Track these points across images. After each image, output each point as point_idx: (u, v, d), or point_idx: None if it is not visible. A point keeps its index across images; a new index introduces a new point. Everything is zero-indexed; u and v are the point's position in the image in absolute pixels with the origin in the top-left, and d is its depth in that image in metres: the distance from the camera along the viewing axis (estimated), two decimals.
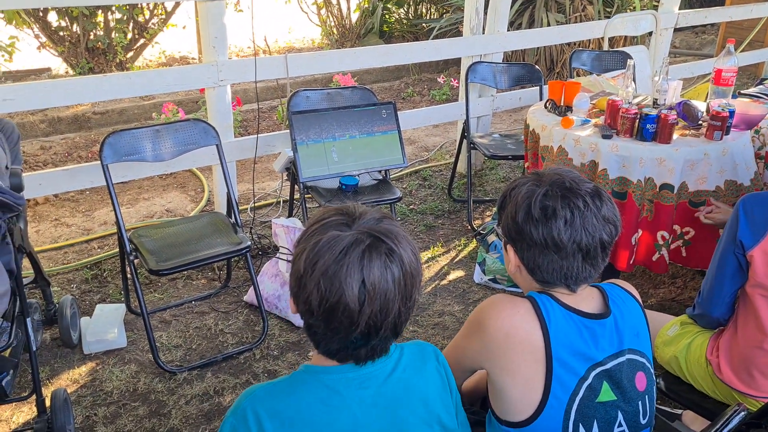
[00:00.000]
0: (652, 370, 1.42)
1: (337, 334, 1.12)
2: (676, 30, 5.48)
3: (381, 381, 1.18)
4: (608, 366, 1.33)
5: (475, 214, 4.13)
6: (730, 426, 1.35)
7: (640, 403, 1.37)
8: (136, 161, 2.89)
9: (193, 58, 7.24)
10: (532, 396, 1.29)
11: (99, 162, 2.79)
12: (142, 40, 6.46)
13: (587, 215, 1.31)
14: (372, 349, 1.15)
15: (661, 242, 2.89)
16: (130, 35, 6.31)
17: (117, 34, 6.16)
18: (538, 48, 6.53)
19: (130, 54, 6.44)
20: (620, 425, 1.34)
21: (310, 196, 3.35)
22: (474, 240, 3.82)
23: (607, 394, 1.33)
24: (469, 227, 3.97)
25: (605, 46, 5.07)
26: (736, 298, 1.92)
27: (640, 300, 1.47)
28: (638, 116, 2.87)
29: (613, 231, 1.35)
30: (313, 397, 1.14)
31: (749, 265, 1.82)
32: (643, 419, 1.38)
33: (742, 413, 1.39)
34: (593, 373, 1.31)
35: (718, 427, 1.35)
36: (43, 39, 6.12)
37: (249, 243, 2.83)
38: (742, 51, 6.38)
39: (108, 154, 2.79)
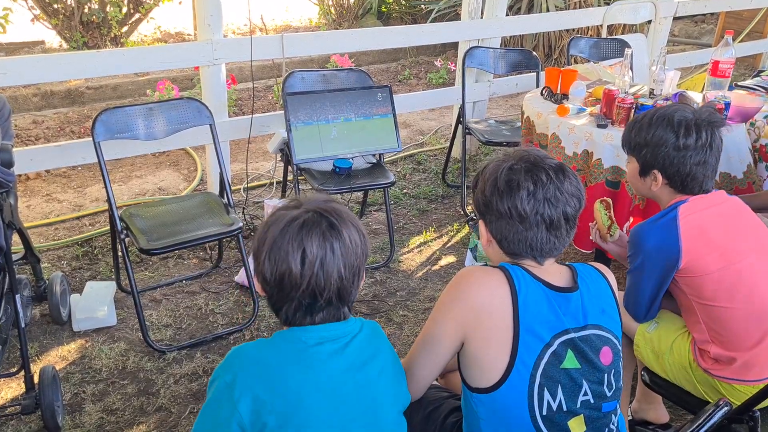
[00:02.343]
0: (619, 347, 1.47)
1: (288, 298, 1.27)
2: (675, 19, 5.46)
3: (348, 340, 1.30)
4: (572, 336, 1.39)
5: (468, 200, 4.13)
6: (713, 420, 1.36)
7: (605, 375, 1.42)
8: (129, 139, 2.87)
9: (188, 34, 7.17)
10: (500, 361, 1.35)
11: (91, 139, 2.77)
12: (137, 15, 6.39)
13: (549, 188, 1.38)
14: (327, 313, 1.29)
15: None
16: (125, 9, 6.25)
17: (112, 8, 6.09)
18: (536, 34, 6.50)
19: (125, 29, 6.38)
20: (585, 394, 1.39)
21: (303, 178, 3.34)
22: (466, 225, 3.82)
23: (571, 361, 1.38)
24: (462, 213, 3.97)
25: (604, 34, 5.04)
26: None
27: (612, 282, 1.52)
28: (634, 106, 2.87)
29: (576, 204, 1.42)
30: (291, 348, 1.27)
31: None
32: (609, 392, 1.42)
33: (725, 408, 1.41)
34: (558, 341, 1.37)
35: (701, 421, 1.36)
36: (37, 11, 6.05)
37: (241, 224, 2.82)
38: (740, 41, 6.36)
39: (100, 131, 2.77)
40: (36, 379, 2.30)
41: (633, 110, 2.87)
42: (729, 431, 1.76)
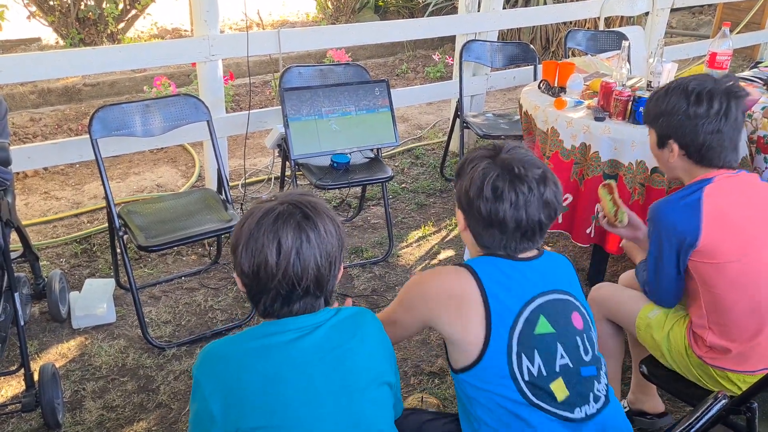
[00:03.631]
0: (588, 317, 1.55)
1: (266, 289, 1.30)
2: (672, 10, 5.45)
3: (312, 329, 1.31)
4: (541, 301, 1.46)
5: None
6: (711, 413, 1.36)
7: (578, 338, 1.48)
8: (126, 136, 2.86)
9: (185, 30, 7.16)
10: (476, 337, 1.42)
11: (88, 136, 2.76)
12: (133, 11, 6.37)
13: (531, 199, 1.45)
14: (304, 303, 1.32)
15: None
16: (121, 6, 6.22)
17: (108, 5, 6.06)
18: (533, 27, 6.49)
19: (122, 25, 6.36)
20: (563, 357, 1.45)
21: (301, 173, 3.33)
22: None
23: (544, 326, 1.45)
24: None
25: (601, 26, 5.04)
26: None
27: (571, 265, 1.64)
28: (631, 99, 2.86)
29: (552, 213, 1.50)
30: (255, 341, 1.29)
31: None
32: (586, 356, 1.48)
33: (723, 401, 1.41)
34: (529, 308, 1.45)
35: (698, 414, 1.36)
36: (33, 8, 6.03)
37: (239, 219, 2.82)
38: (738, 33, 6.35)
39: (97, 128, 2.76)
40: (36, 377, 2.30)
41: (630, 103, 2.86)
42: (727, 422, 1.78)
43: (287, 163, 3.42)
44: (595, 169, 2.89)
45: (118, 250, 2.87)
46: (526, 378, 1.41)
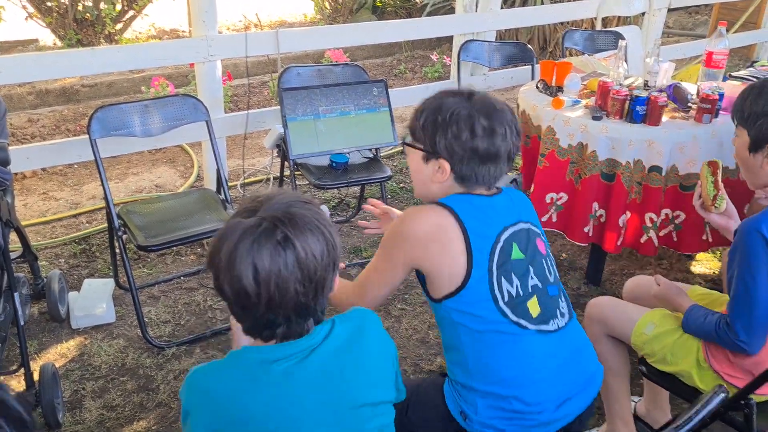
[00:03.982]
0: (545, 240, 1.71)
1: (249, 315, 1.21)
2: (669, 10, 5.47)
3: (305, 354, 1.22)
4: (512, 231, 1.60)
5: None
6: (710, 407, 1.37)
7: (543, 261, 1.65)
8: (125, 136, 2.87)
9: (183, 31, 7.16)
10: (460, 266, 1.54)
11: (87, 136, 2.77)
12: (131, 12, 6.38)
13: (513, 129, 1.60)
14: (288, 329, 1.22)
15: (649, 224, 2.91)
16: (119, 6, 6.23)
17: (106, 5, 6.08)
18: (531, 27, 6.50)
19: (119, 26, 6.37)
20: (533, 278, 1.60)
21: (300, 173, 3.34)
22: None
23: (516, 253, 1.59)
24: None
25: (598, 26, 5.05)
26: None
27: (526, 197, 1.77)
28: (628, 98, 2.88)
29: (516, 141, 1.62)
30: (242, 373, 1.21)
31: None
32: (550, 276, 1.65)
33: (722, 395, 1.41)
34: (503, 237, 1.58)
35: (698, 407, 1.37)
36: (31, 9, 6.03)
37: None
38: (734, 32, 6.37)
39: (96, 128, 2.77)
40: (36, 377, 2.31)
41: (628, 102, 2.88)
42: (725, 419, 1.79)
43: (286, 162, 3.43)
44: (593, 168, 2.90)
45: (117, 251, 2.88)
46: (506, 299, 1.55)
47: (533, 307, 1.58)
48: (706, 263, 3.50)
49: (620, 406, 2.19)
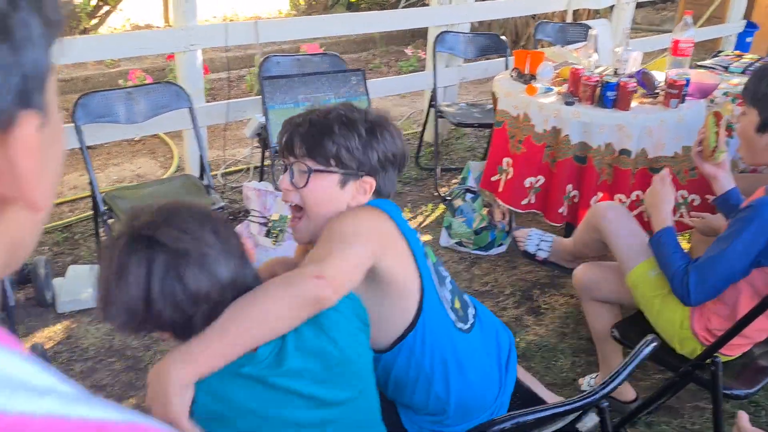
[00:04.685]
0: None
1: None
2: (637, 6, 5.62)
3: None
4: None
5: (441, 182, 4.23)
6: (643, 355, 1.44)
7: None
8: (109, 123, 2.91)
9: (158, 27, 7.16)
10: (413, 273, 1.45)
11: (71, 123, 2.80)
12: (106, 7, 6.37)
13: (385, 136, 1.51)
14: None
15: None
16: (94, 2, 6.22)
17: (81, 1, 6.06)
18: (503, 21, 6.62)
19: (94, 21, 6.35)
20: (446, 277, 1.61)
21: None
22: (441, 205, 3.92)
23: (432, 256, 1.58)
24: (436, 194, 4.07)
25: (569, 19, 5.18)
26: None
27: None
28: (599, 84, 2.99)
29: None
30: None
31: None
32: (446, 274, 1.64)
33: (654, 344, 1.48)
34: (420, 243, 1.53)
35: (634, 352, 1.44)
36: None
37: (223, 203, 2.89)
38: (700, 26, 6.55)
39: (80, 115, 2.81)
40: None
41: (598, 87, 2.99)
42: (692, 378, 1.90)
43: (266, 151, 3.49)
44: (566, 152, 3.01)
45: (103, 236, 2.92)
46: (447, 303, 1.54)
47: (459, 307, 1.59)
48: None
49: (615, 365, 2.30)
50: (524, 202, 3.12)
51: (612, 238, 2.22)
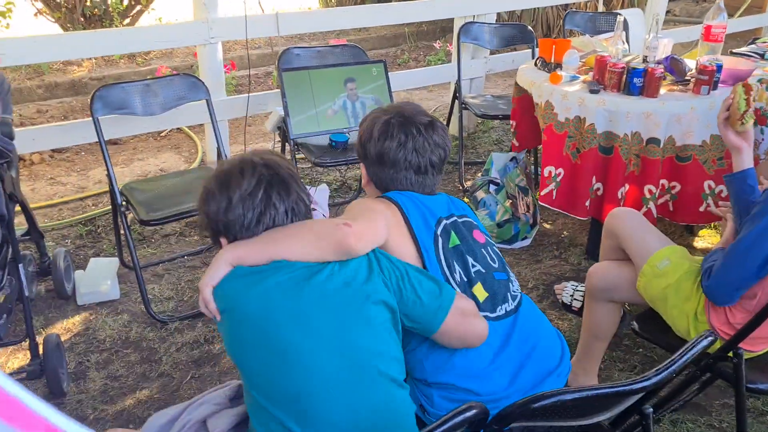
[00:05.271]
0: (486, 233, 1.75)
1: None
2: None
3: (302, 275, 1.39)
4: (447, 222, 1.66)
5: (467, 176, 4.15)
6: (695, 350, 1.37)
7: (482, 250, 1.67)
8: (127, 115, 2.92)
9: None
10: (412, 254, 1.59)
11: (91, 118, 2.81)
12: (138, 7, 6.43)
13: (419, 139, 1.64)
14: None
15: (648, 196, 2.92)
16: (126, 1, 6.30)
17: (113, 0, 6.14)
18: (534, 12, 6.51)
19: (127, 21, 6.42)
20: (474, 265, 1.63)
21: (302, 157, 3.38)
22: (465, 198, 3.85)
23: (454, 240, 1.65)
24: (461, 187, 4.00)
25: (600, 8, 5.05)
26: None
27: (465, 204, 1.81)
28: (625, 70, 2.89)
29: (442, 153, 1.68)
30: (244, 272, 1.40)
31: None
32: (494, 264, 1.68)
33: (710, 338, 1.40)
34: (440, 227, 1.64)
35: (684, 349, 1.37)
36: (40, 5, 6.11)
37: None
38: (740, 16, 6.35)
39: (98, 106, 2.82)
40: (41, 348, 2.35)
41: (625, 74, 2.89)
42: (714, 370, 1.80)
43: (287, 145, 3.46)
44: (591, 142, 2.92)
45: (122, 231, 2.92)
46: (457, 287, 1.59)
47: (479, 292, 1.61)
48: (708, 239, 3.50)
49: (590, 363, 2.31)
50: (544, 192, 3.03)
51: (626, 238, 2.19)
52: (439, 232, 1.62)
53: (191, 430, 1.47)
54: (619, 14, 4.28)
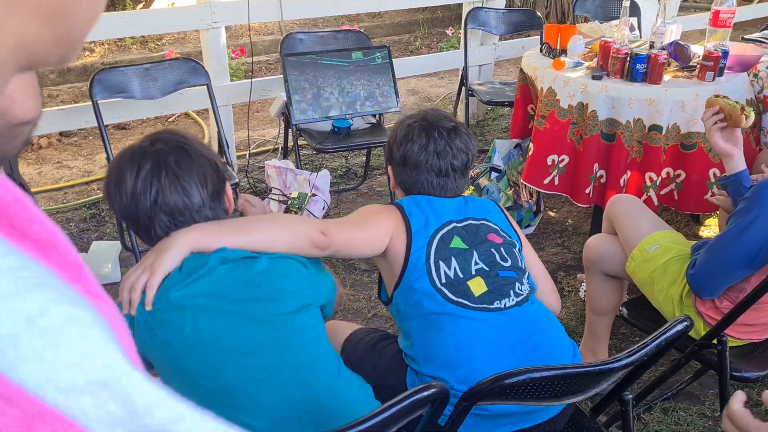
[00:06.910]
0: (511, 240, 1.74)
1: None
2: None
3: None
4: (455, 226, 1.68)
5: (474, 163, 4.11)
6: (669, 334, 1.35)
7: (493, 250, 1.67)
8: (126, 98, 2.93)
9: None
10: (402, 248, 1.63)
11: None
12: None
13: (440, 143, 1.68)
14: None
15: (649, 183, 2.88)
16: None
17: None
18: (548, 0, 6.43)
19: (140, 6, 6.45)
20: (477, 263, 1.64)
21: (305, 143, 3.37)
22: (471, 187, 3.82)
23: (458, 243, 1.66)
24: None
25: None
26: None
27: (502, 207, 1.83)
28: (629, 56, 2.84)
29: (464, 158, 1.70)
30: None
31: None
32: (504, 263, 1.67)
33: (686, 323, 1.38)
34: (444, 230, 1.66)
35: (658, 332, 1.35)
36: None
37: (237, 179, 2.87)
38: (759, 2, 6.21)
39: (97, 90, 2.83)
40: None
41: (628, 60, 2.84)
42: (699, 357, 1.78)
43: (289, 130, 3.46)
44: (593, 129, 2.88)
45: None
46: (443, 281, 1.62)
47: (476, 286, 1.63)
48: (714, 228, 3.44)
49: (597, 342, 2.29)
50: (546, 181, 3.00)
51: (620, 222, 2.19)
52: (440, 234, 1.65)
53: None
54: (635, 4, 4.22)
